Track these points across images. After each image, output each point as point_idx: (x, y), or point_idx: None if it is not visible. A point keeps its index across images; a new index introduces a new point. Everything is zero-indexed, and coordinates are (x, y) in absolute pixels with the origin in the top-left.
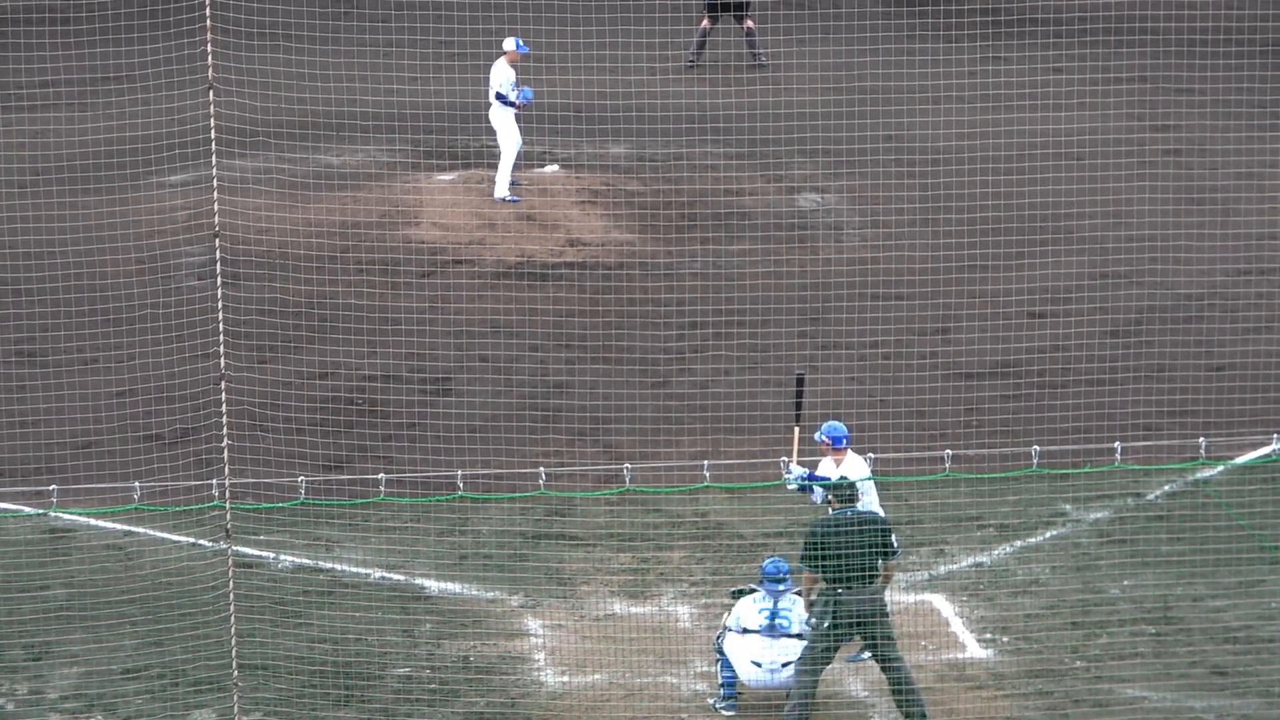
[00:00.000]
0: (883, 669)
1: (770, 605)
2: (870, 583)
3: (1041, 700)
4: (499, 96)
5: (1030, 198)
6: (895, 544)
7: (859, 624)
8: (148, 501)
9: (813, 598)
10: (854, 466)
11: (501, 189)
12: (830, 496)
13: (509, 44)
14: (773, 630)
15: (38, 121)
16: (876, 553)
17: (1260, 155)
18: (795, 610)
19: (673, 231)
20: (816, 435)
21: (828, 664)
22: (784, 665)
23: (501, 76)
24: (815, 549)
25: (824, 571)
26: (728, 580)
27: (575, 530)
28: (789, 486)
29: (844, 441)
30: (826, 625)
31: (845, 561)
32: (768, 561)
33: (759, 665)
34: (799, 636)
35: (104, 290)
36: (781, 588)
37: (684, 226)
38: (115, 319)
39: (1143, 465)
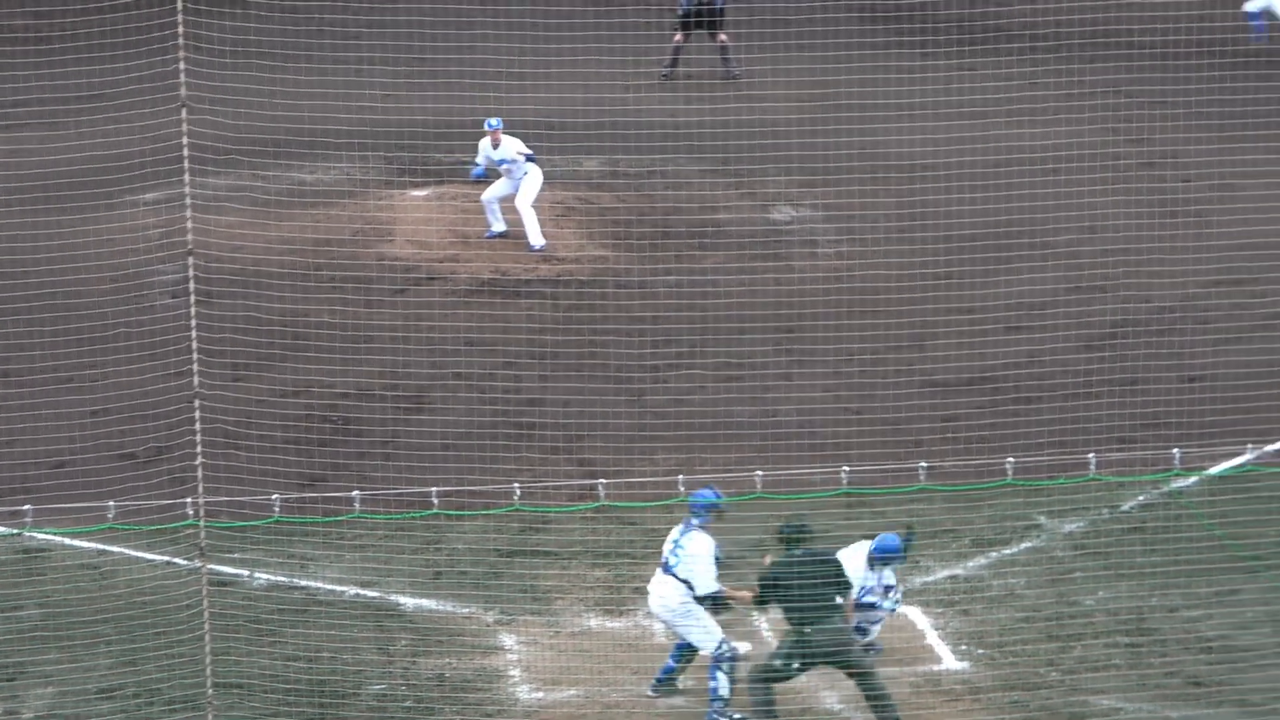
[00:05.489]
0: (857, 684)
1: (676, 537)
2: (833, 616)
3: (1017, 712)
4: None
5: (1005, 211)
6: (850, 579)
7: (828, 659)
8: (122, 520)
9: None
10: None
11: (536, 238)
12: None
13: (485, 125)
14: (666, 567)
15: (11, 141)
16: (832, 588)
17: (1233, 167)
18: (688, 550)
19: (647, 246)
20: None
21: (775, 682)
22: (665, 606)
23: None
24: (770, 593)
25: (787, 614)
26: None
27: (550, 546)
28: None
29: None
30: (796, 666)
31: (804, 601)
32: (701, 490)
33: (649, 596)
34: (687, 583)
35: (78, 309)
36: (696, 521)
37: (658, 241)
38: (89, 338)
39: (1117, 476)
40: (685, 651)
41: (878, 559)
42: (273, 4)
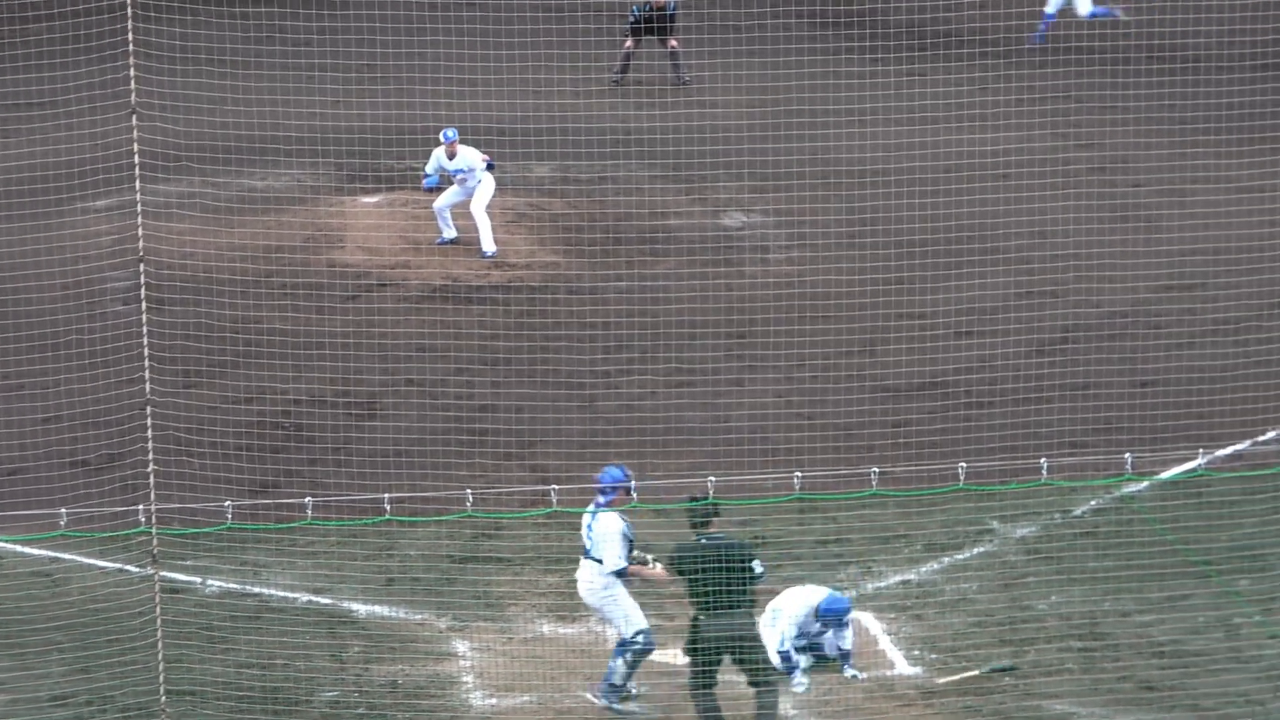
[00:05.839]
0: (755, 693)
1: (589, 520)
2: (737, 609)
3: (970, 717)
4: (429, 181)
5: (956, 216)
6: (759, 569)
7: (728, 649)
8: (74, 527)
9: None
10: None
11: (488, 244)
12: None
13: (441, 136)
14: (586, 552)
15: None
16: (739, 579)
17: (1183, 171)
18: (598, 530)
19: (598, 252)
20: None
21: (710, 685)
22: (590, 590)
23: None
24: (673, 571)
25: (690, 598)
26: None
27: (503, 552)
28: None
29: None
30: (696, 655)
31: (704, 588)
32: (607, 468)
33: (578, 584)
34: (600, 562)
35: (29, 316)
36: (603, 499)
37: (609, 247)
38: (41, 345)
39: (1069, 481)
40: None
41: (823, 617)
42: (223, 10)
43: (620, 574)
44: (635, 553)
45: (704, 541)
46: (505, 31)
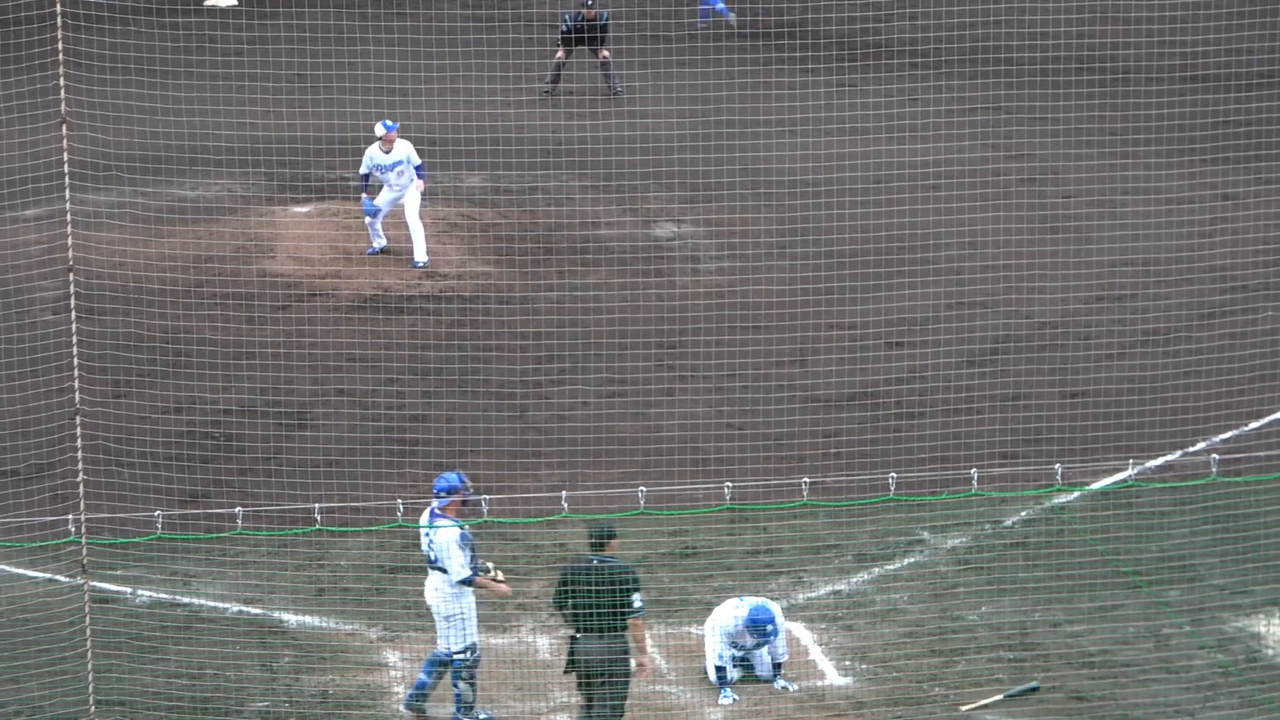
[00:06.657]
0: (587, 711)
1: (426, 528)
2: (607, 633)
3: None
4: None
5: (887, 227)
6: (638, 603)
7: (596, 669)
8: (3, 537)
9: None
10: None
11: (420, 254)
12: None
13: (378, 129)
14: (432, 561)
15: None
16: (615, 606)
17: (1113, 183)
18: (437, 540)
19: (529, 262)
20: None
21: (620, 701)
22: (437, 598)
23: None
24: (556, 588)
25: (567, 615)
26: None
27: None
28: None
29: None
30: (565, 668)
31: (580, 608)
32: (445, 474)
33: (425, 590)
34: (444, 570)
35: None
36: (437, 505)
37: (541, 257)
38: None
39: (1000, 492)
40: (438, 666)
41: (748, 628)
42: (153, 20)
43: (468, 583)
44: (478, 561)
45: (594, 563)
46: (437, 42)
